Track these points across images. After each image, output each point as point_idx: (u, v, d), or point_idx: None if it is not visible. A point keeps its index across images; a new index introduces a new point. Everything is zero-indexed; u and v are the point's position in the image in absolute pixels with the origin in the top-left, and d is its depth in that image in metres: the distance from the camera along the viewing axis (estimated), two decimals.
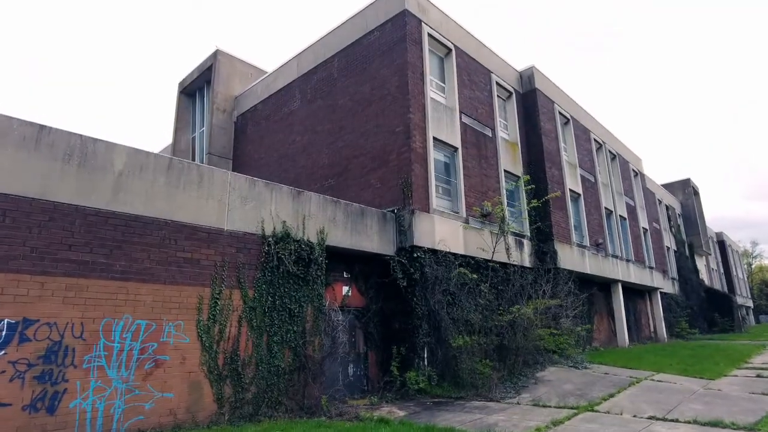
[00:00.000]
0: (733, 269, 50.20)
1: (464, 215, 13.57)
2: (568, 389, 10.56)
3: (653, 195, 32.04)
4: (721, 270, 47.62)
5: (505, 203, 15.40)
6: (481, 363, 11.10)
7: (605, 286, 21.13)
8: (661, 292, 27.87)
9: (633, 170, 26.67)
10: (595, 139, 22.26)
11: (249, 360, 8.72)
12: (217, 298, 8.52)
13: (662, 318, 26.07)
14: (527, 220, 16.42)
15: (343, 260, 11.48)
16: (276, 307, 9.28)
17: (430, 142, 13.03)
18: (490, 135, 15.88)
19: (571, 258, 17.16)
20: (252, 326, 8.89)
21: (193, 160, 20.57)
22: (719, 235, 49.60)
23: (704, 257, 40.41)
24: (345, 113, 14.70)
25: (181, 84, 22.54)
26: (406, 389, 10.65)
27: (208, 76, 20.83)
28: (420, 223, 11.98)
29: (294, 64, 17.33)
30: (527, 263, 15.78)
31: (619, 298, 20.94)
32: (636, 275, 22.83)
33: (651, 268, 25.32)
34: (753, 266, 77.98)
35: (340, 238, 10.82)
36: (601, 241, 19.54)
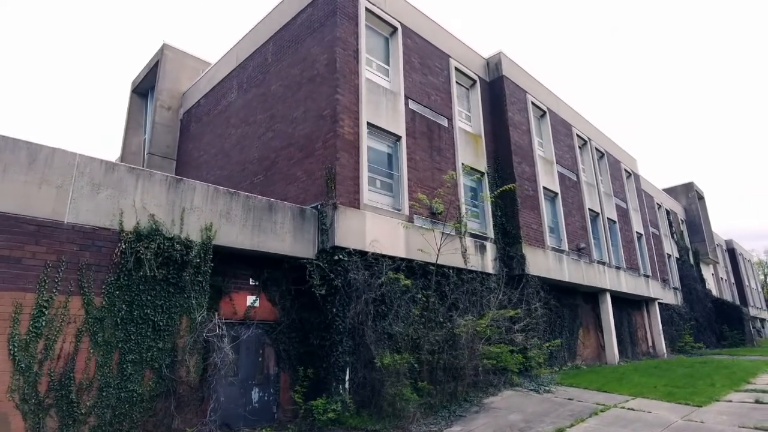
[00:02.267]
0: (745, 279, 47.39)
1: (407, 213, 11.72)
2: (513, 420, 8.57)
3: (651, 199, 29.88)
4: (732, 280, 44.90)
5: (463, 200, 13.54)
6: (408, 387, 9.16)
7: (592, 296, 19.04)
8: (660, 303, 25.60)
9: (625, 170, 24.61)
10: (578, 135, 20.33)
11: (89, 384, 6.92)
12: (44, 307, 6.74)
13: (661, 331, 23.78)
14: (491, 220, 14.52)
15: (248, 264, 9.69)
16: (134, 318, 7.48)
17: (364, 128, 11.26)
18: (446, 125, 14.07)
19: (544, 263, 15.17)
20: (96, 342, 7.09)
21: (143, 162, 19.02)
22: (729, 242, 46.95)
23: (711, 266, 37.92)
24: (276, 100, 13.03)
25: (133, 83, 21.13)
26: (313, 419, 8.74)
27: (157, 73, 19.37)
28: (345, 221, 10.15)
29: (234, 53, 15.76)
30: (490, 269, 13.84)
31: (607, 309, 18.82)
32: (628, 284, 20.68)
33: (647, 276, 23.12)
34: None
35: (237, 237, 9.03)
36: (583, 245, 17.52)
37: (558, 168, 17.89)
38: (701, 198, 38.07)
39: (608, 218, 20.71)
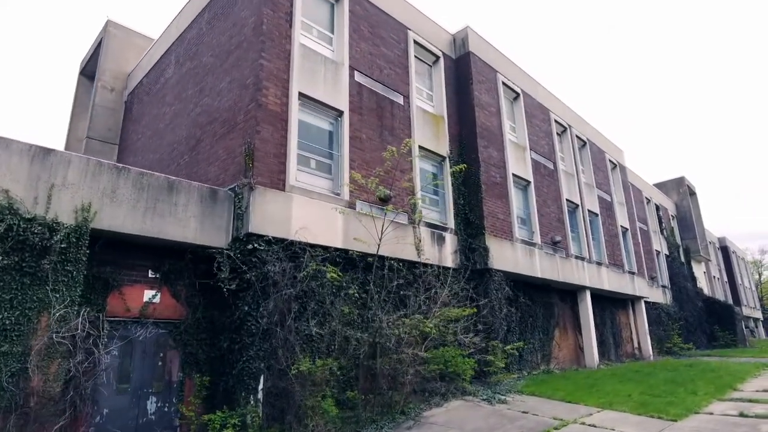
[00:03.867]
0: (738, 277, 46.10)
1: (347, 198, 10.31)
2: None
3: (640, 193, 28.54)
4: (725, 278, 43.62)
5: (418, 186, 12.14)
6: (328, 399, 7.76)
7: (570, 294, 17.67)
8: (647, 302, 24.26)
9: (610, 161, 23.24)
10: (557, 121, 18.94)
11: None
12: None
13: (647, 332, 22.42)
14: (452, 209, 13.13)
15: (147, 254, 8.29)
16: None
17: (294, 99, 9.84)
18: (402, 102, 12.66)
19: (512, 257, 13.78)
20: None
21: (82, 148, 17.54)
22: (722, 240, 45.65)
23: (703, 263, 36.61)
24: (206, 72, 11.60)
25: (81, 64, 19.65)
26: None
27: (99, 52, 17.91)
28: (264, 204, 8.74)
29: (174, 26, 14.32)
30: (449, 262, 12.44)
31: (587, 308, 17.45)
32: (611, 281, 19.31)
33: (632, 273, 21.76)
34: (764, 276, 73.41)
35: (125, 220, 7.60)
36: (559, 238, 16.13)
37: (532, 155, 16.50)
38: (693, 193, 36.76)
39: (589, 210, 19.33)
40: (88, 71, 19.40)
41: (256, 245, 8.41)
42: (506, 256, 13.52)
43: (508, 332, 13.51)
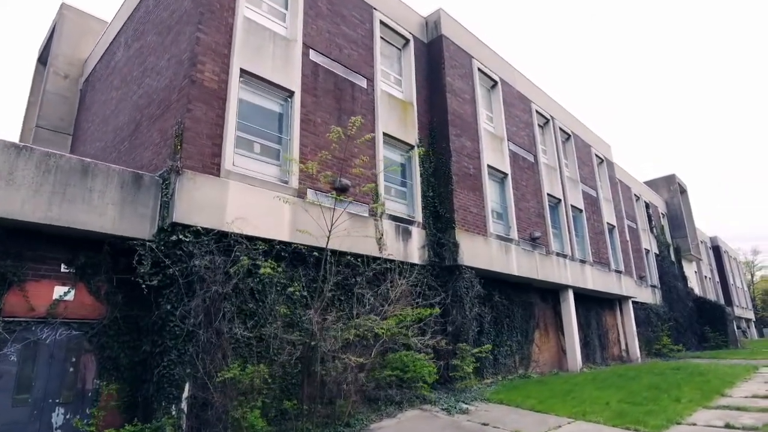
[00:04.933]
0: (730, 277, 45.39)
1: (296, 186, 9.37)
2: None
3: (629, 190, 27.72)
4: (717, 278, 42.90)
5: (382, 176, 11.23)
6: (257, 409, 6.82)
7: (552, 293, 16.80)
8: (636, 302, 23.43)
9: (596, 155, 22.38)
10: (538, 112, 18.07)
11: None
12: None
13: (635, 333, 21.58)
14: (420, 201, 12.22)
15: (60, 246, 7.33)
16: None
17: (235, 76, 8.90)
18: (365, 86, 11.74)
19: (485, 253, 12.88)
20: None
21: (30, 138, 16.52)
22: (713, 239, 44.94)
23: (694, 263, 35.85)
24: (150, 51, 10.64)
25: (39, 51, 18.64)
26: None
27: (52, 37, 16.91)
28: (194, 191, 7.80)
29: (126, 6, 13.34)
30: (415, 258, 11.52)
31: (569, 308, 16.57)
32: (595, 280, 18.44)
33: (619, 272, 20.90)
34: (756, 276, 72.96)
35: (24, 206, 6.64)
36: (538, 234, 15.24)
37: (510, 146, 15.61)
38: (683, 191, 36.00)
39: (573, 206, 18.46)
40: (44, 58, 18.39)
41: (181, 236, 7.47)
42: (479, 252, 12.62)
43: (481, 334, 12.61)
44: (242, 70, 9.06)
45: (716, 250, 44.60)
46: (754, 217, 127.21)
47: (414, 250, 11.58)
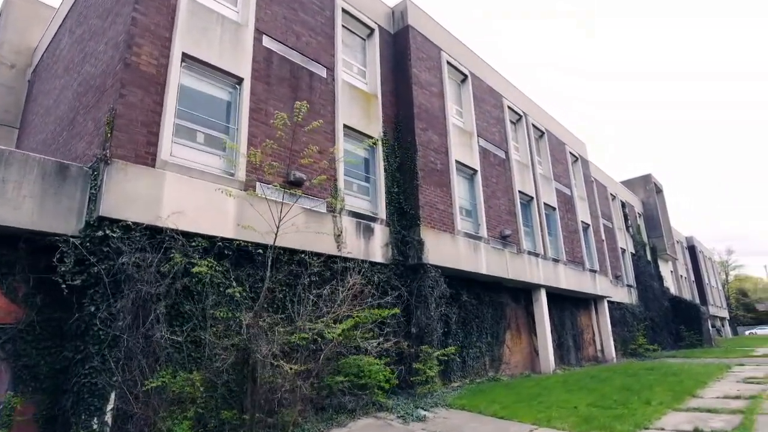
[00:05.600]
0: (706, 277, 45.80)
1: (243, 179, 8.74)
2: None
3: (605, 189, 27.58)
4: (692, 278, 43.21)
5: (341, 170, 10.66)
6: (188, 421, 6.18)
7: (525, 293, 16.38)
8: (611, 302, 23.22)
9: (571, 153, 22.10)
10: (510, 108, 17.67)
11: None
12: None
13: (610, 333, 21.32)
14: (384, 197, 11.67)
15: None
16: None
17: (176, 60, 8.24)
18: (324, 75, 11.16)
19: (452, 252, 12.38)
20: None
21: None
22: (689, 239, 45.30)
23: (670, 262, 35.95)
24: (91, 36, 9.91)
25: None
26: None
27: None
28: (124, 183, 7.13)
29: None
30: (378, 256, 10.97)
31: (542, 308, 16.17)
32: (569, 280, 18.10)
33: (593, 271, 20.61)
34: (730, 276, 74.11)
35: None
36: (509, 232, 14.81)
37: (480, 142, 15.16)
38: (660, 191, 36.10)
39: (546, 204, 18.09)
40: None
41: (108, 231, 6.80)
42: (446, 250, 12.11)
43: (448, 335, 12.12)
44: (185, 55, 8.41)
45: (692, 250, 44.95)
46: (728, 217, 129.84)
47: (377, 248, 11.02)
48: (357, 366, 8.26)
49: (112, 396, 6.49)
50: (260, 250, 8.28)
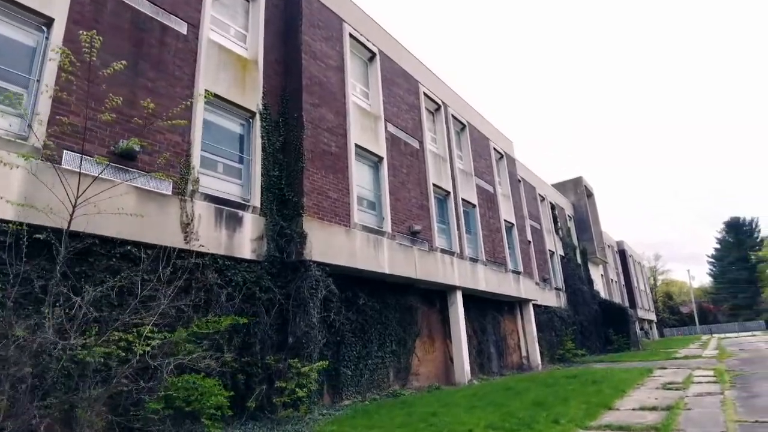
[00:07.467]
0: (635, 281, 46.67)
1: (39, 144, 6.65)
2: None
3: (533, 189, 26.88)
4: (622, 281, 43.80)
5: (198, 143, 8.74)
6: None
7: (439, 295, 14.92)
8: (539, 306, 22.31)
9: (495, 150, 21.04)
10: (427, 95, 16.29)
11: None
12: None
13: (536, 338, 20.31)
14: (259, 180, 9.82)
15: None
16: None
17: None
18: (184, 32, 9.22)
19: (347, 247, 10.68)
20: None
21: None
22: (620, 243, 46.03)
23: (601, 266, 36.00)
24: None
25: None
26: None
27: None
28: None
29: None
30: (246, 252, 9.09)
31: (457, 312, 14.75)
32: (489, 281, 16.84)
33: (517, 272, 19.53)
34: (658, 280, 77.20)
35: None
36: (419, 228, 13.30)
37: (389, 127, 13.60)
38: (590, 195, 36.14)
39: (464, 200, 16.79)
40: None
41: None
42: (337, 246, 10.39)
43: (341, 345, 10.40)
44: None
45: (622, 254, 45.65)
46: (657, 223, 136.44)
47: (245, 241, 9.14)
48: (185, 388, 6.34)
49: None
50: (49, 238, 6.22)
